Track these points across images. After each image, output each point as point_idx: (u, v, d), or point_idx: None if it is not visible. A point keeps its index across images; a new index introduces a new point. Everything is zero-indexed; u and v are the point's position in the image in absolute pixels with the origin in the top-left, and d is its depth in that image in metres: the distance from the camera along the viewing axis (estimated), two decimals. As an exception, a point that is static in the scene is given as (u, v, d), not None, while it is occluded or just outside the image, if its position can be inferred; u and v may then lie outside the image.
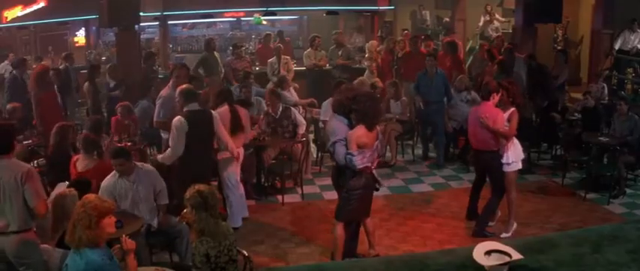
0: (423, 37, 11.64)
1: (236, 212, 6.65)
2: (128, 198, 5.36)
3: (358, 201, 5.55)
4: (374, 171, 5.64)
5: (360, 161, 5.33)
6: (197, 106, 6.15)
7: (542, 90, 9.39)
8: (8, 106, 8.15)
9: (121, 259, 3.75)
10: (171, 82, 7.01)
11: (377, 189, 5.83)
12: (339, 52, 11.56)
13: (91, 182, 5.38)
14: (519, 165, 6.45)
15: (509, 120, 6.26)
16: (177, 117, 6.01)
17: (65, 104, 9.74)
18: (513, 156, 6.30)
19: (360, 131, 5.37)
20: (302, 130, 8.04)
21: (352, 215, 5.71)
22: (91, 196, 3.71)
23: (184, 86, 6.29)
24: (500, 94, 6.31)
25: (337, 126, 5.55)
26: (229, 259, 3.94)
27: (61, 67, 10.57)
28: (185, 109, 6.06)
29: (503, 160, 6.29)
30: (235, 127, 6.62)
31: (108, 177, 5.43)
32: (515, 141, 6.32)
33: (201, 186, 4.01)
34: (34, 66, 10.38)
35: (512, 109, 6.30)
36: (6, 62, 11.87)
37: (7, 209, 4.34)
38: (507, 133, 6.21)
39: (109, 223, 3.62)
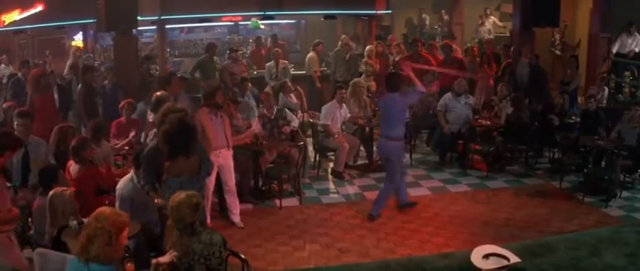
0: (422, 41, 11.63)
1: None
2: (145, 200, 5.31)
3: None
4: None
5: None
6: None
7: (538, 93, 9.39)
8: (4, 105, 8.14)
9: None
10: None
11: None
12: (346, 56, 11.55)
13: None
14: None
15: None
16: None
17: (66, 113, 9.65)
18: None
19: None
20: (295, 124, 8.13)
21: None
22: (106, 210, 3.51)
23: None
24: None
25: None
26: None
27: (65, 77, 10.56)
28: None
29: None
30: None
31: (123, 179, 5.42)
32: None
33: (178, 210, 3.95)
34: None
35: None
36: (2, 66, 11.85)
37: None
38: None
39: (125, 236, 3.50)
